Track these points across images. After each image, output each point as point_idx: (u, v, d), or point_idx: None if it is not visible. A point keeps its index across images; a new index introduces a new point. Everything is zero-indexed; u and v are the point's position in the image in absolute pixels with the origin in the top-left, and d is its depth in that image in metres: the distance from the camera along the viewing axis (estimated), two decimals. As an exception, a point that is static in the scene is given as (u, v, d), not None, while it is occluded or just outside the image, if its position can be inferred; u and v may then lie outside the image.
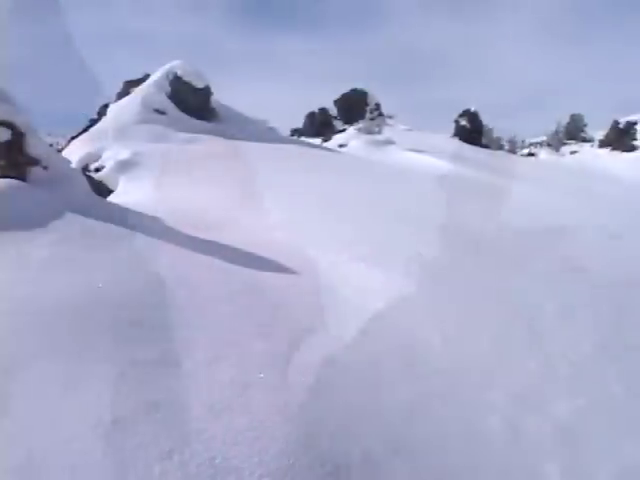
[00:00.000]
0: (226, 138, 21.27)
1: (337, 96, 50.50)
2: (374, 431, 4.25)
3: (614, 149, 45.27)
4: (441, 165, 21.63)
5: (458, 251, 8.98)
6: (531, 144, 64.23)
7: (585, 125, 70.41)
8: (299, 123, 53.83)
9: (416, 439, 4.33)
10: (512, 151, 55.79)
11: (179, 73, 25.00)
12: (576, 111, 64.41)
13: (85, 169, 16.71)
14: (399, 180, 16.21)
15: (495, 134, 59.46)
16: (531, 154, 53.67)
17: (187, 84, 24.77)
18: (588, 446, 4.81)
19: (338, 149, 28.51)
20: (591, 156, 44.62)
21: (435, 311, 6.68)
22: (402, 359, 5.51)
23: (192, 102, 24.54)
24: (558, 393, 5.44)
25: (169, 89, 24.62)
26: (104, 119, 23.37)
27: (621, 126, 47.12)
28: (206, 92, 25.48)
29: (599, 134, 52.67)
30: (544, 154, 51.05)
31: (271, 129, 30.12)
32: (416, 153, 25.41)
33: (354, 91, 49.04)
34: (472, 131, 47.95)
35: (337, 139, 35.01)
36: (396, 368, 5.32)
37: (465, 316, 6.67)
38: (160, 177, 14.61)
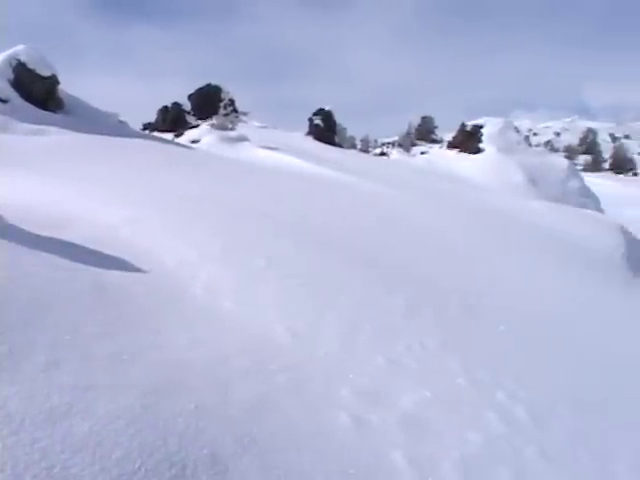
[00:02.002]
0: (74, 131, 20.46)
1: (191, 91, 49.95)
2: (223, 430, 4.21)
3: (461, 151, 47.40)
4: (294, 163, 21.83)
5: (307, 248, 9.09)
6: (383, 144, 66.24)
7: (435, 127, 73.47)
8: (151, 117, 52.86)
9: (265, 437, 4.33)
10: (365, 150, 57.33)
11: (23, 59, 23.76)
12: (427, 113, 67.08)
13: None
14: (251, 177, 16.19)
15: (348, 133, 60.93)
16: (383, 153, 55.29)
17: (32, 72, 23.59)
18: (433, 436, 5.02)
19: (190, 145, 28.15)
20: (439, 157, 46.50)
21: (285, 308, 6.74)
22: (251, 357, 5.50)
23: (37, 91, 23.40)
24: (404, 387, 5.64)
25: (12, 76, 23.33)
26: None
27: (468, 129, 49.43)
28: (52, 81, 24.36)
29: (448, 136, 55.05)
30: (396, 154, 52.72)
31: (122, 123, 29.30)
32: (269, 150, 25.52)
33: (209, 86, 48.60)
34: (326, 130, 48.85)
35: (190, 135, 34.68)
36: (245, 366, 5.30)
37: (314, 312, 6.77)
38: (1, 170, 13.82)
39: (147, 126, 51.27)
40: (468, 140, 47.59)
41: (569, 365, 7.71)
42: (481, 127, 48.34)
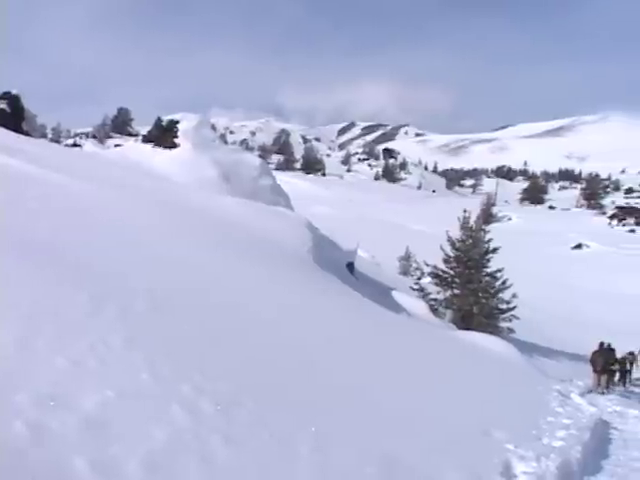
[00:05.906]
0: None
1: None
2: None
3: (157, 145, 47.19)
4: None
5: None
6: (77, 134, 63.82)
7: (132, 120, 72.30)
8: None
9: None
10: (56, 140, 54.86)
11: None
12: (124, 105, 65.98)
13: None
14: None
15: (39, 121, 57.78)
16: (76, 144, 53.44)
17: None
18: (117, 436, 5.00)
19: None
20: (134, 150, 45.89)
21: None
22: None
23: None
24: (86, 388, 5.51)
25: None
26: None
27: (164, 124, 49.42)
28: None
29: (145, 130, 54.67)
30: (89, 145, 51.23)
31: None
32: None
33: None
34: (12, 116, 45.87)
35: None
36: None
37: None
38: None
39: None
40: (164, 135, 47.49)
41: (252, 355, 8.14)
42: (177, 122, 48.56)
